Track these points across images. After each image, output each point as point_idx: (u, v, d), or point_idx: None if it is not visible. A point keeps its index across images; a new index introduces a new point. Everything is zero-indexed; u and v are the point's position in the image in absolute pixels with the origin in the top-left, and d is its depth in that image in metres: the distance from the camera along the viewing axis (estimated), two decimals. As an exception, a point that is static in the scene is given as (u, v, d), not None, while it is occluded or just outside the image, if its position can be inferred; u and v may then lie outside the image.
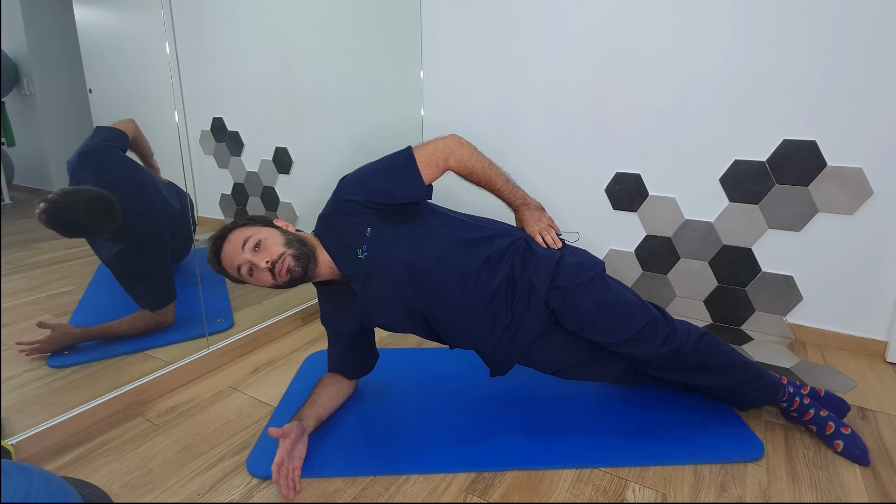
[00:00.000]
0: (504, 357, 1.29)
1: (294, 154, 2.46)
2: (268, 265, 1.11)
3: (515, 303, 1.21)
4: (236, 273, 1.15)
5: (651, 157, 1.99)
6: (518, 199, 1.32)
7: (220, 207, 2.48)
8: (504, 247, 1.22)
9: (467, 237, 1.22)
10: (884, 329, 1.74)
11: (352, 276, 1.19)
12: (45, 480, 0.87)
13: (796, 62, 1.69)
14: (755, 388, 1.30)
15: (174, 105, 1.68)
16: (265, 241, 1.13)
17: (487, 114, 2.29)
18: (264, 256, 1.11)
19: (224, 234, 1.17)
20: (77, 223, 1.47)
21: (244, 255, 1.12)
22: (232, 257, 1.13)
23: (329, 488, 1.14)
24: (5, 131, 1.68)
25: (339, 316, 1.30)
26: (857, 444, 1.23)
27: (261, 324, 1.87)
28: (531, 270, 1.20)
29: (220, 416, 1.42)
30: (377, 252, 1.16)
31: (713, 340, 1.27)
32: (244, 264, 1.12)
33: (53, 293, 1.65)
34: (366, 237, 1.16)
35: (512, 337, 1.25)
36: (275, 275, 1.12)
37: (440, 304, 1.20)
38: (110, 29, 1.82)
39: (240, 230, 1.16)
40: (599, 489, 1.14)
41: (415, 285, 1.18)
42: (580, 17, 2.00)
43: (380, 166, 1.22)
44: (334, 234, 1.19)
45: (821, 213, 1.75)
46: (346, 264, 1.19)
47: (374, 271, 1.18)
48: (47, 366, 1.49)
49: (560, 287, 1.19)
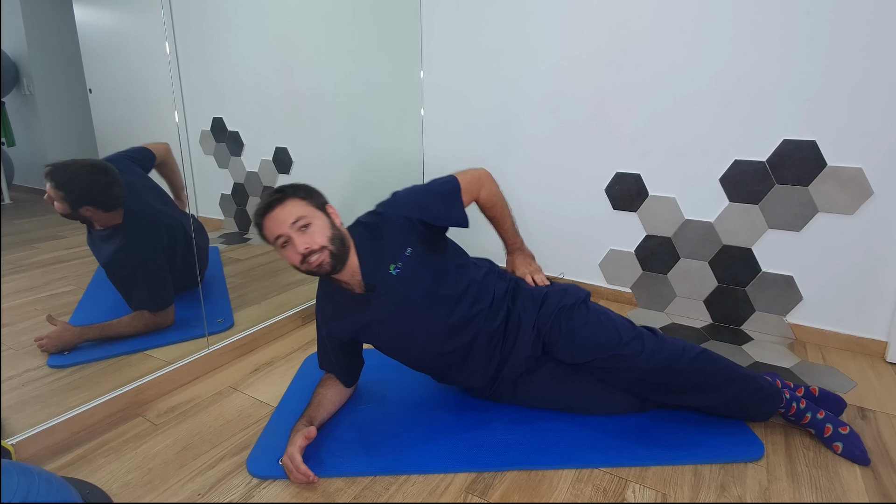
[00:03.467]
0: (493, 391, 1.38)
1: (294, 154, 2.46)
2: (305, 251, 1.13)
3: (506, 339, 1.30)
4: (272, 238, 1.16)
5: (651, 157, 1.99)
6: (518, 242, 1.47)
7: (220, 207, 2.48)
8: (504, 289, 1.33)
9: (479, 278, 1.31)
10: (884, 329, 1.74)
11: (374, 287, 1.21)
12: (45, 480, 0.87)
13: (796, 62, 1.69)
14: (756, 400, 1.28)
15: (174, 105, 1.68)
16: (313, 227, 1.15)
17: (487, 114, 2.28)
18: (306, 242, 1.13)
19: (282, 197, 1.16)
20: (78, 176, 1.55)
21: (289, 231, 1.13)
22: (278, 225, 1.14)
23: (329, 488, 1.14)
24: (5, 131, 1.68)
25: (338, 319, 1.30)
26: (856, 445, 1.23)
27: (261, 324, 1.87)
28: (520, 306, 1.30)
29: (220, 416, 1.42)
30: (409, 273, 1.22)
31: (711, 358, 1.25)
32: (285, 237, 1.14)
33: (53, 293, 1.65)
34: (404, 255, 1.22)
35: (497, 372, 1.33)
36: (306, 261, 1.14)
37: (446, 338, 1.25)
38: (110, 29, 1.82)
39: (298, 203, 1.16)
40: (599, 489, 1.14)
41: (430, 313, 1.24)
42: (580, 17, 2.00)
43: (431, 190, 1.29)
44: (372, 244, 1.23)
45: (821, 213, 1.75)
46: (373, 275, 1.22)
47: (399, 290, 1.22)
48: (47, 366, 1.49)
49: (547, 314, 1.28)
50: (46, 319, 1.52)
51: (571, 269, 2.23)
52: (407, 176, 2.53)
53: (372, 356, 1.47)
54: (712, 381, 1.25)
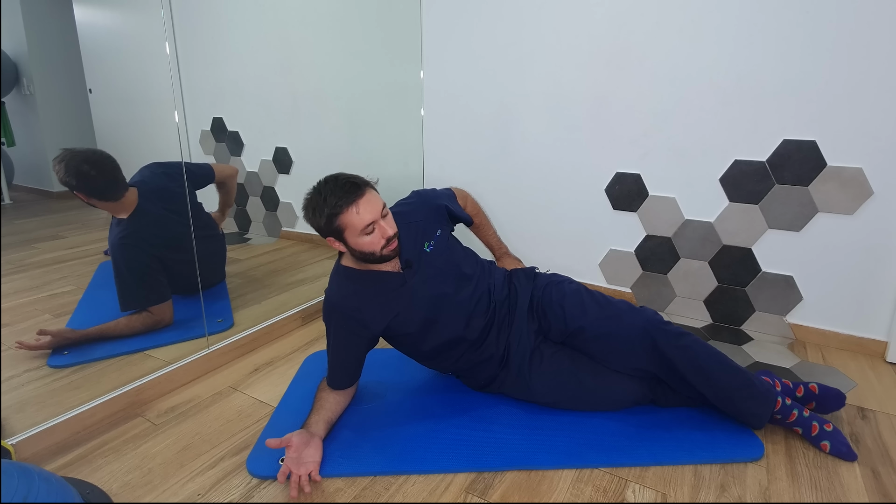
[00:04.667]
0: (501, 373, 1.42)
1: (294, 154, 2.46)
2: (391, 235, 1.24)
3: (510, 313, 1.44)
4: (362, 225, 1.19)
5: (651, 157, 1.99)
6: (504, 247, 1.70)
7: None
8: (502, 271, 1.52)
9: (485, 262, 1.50)
10: (884, 329, 1.74)
11: (411, 264, 1.33)
12: (45, 480, 0.87)
13: (796, 62, 1.69)
14: (749, 395, 1.26)
15: (174, 105, 1.68)
16: (389, 216, 1.27)
17: (488, 114, 2.28)
18: (392, 227, 1.26)
19: (365, 184, 1.24)
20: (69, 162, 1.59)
21: (379, 219, 1.22)
22: (370, 213, 1.20)
23: (329, 488, 1.14)
24: (5, 131, 1.68)
25: (375, 307, 1.30)
26: (842, 441, 1.24)
27: (261, 324, 1.87)
28: (516, 282, 1.49)
29: (220, 416, 1.42)
30: (440, 250, 1.39)
31: (697, 338, 1.29)
32: (376, 224, 1.22)
33: (53, 293, 1.65)
34: (436, 235, 1.39)
35: (506, 350, 1.41)
36: (388, 245, 1.25)
37: (471, 310, 1.37)
38: (110, 29, 1.82)
39: (375, 193, 1.25)
40: (599, 489, 1.14)
41: (459, 286, 1.38)
42: (580, 16, 2.00)
43: (440, 192, 1.52)
44: (411, 227, 1.37)
45: (821, 213, 1.75)
46: (411, 252, 1.35)
47: (434, 265, 1.36)
48: (47, 366, 1.49)
49: (540, 285, 1.46)
50: (38, 333, 1.50)
51: (571, 269, 2.23)
52: (407, 176, 2.53)
53: (372, 356, 1.47)
54: (703, 364, 1.25)
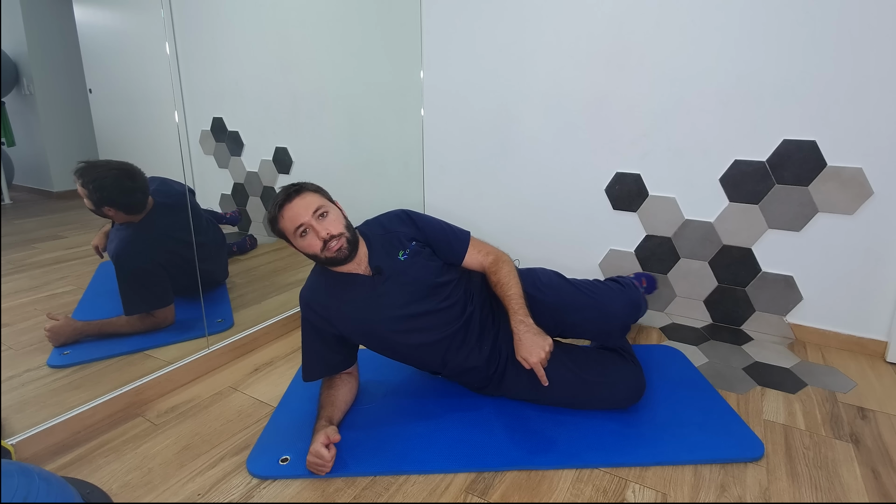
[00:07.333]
0: (494, 375, 1.40)
1: (294, 154, 2.46)
2: (326, 236, 1.22)
3: (493, 313, 1.42)
4: (292, 228, 1.21)
5: (651, 157, 1.99)
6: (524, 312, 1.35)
7: (220, 207, 2.48)
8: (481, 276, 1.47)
9: (466, 271, 1.46)
10: (884, 329, 1.74)
11: (381, 270, 1.32)
12: (45, 480, 0.87)
13: (796, 62, 1.69)
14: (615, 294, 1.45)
15: (174, 105, 1.68)
16: (331, 216, 1.25)
17: (487, 114, 2.28)
18: (326, 228, 1.22)
19: (300, 189, 1.25)
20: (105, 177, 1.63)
21: (309, 219, 1.21)
22: (299, 214, 1.21)
23: (329, 488, 1.14)
24: (5, 131, 1.68)
25: (337, 308, 1.30)
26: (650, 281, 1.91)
27: (261, 324, 1.87)
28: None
29: (220, 416, 1.42)
30: (415, 260, 1.35)
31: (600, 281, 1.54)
32: (306, 226, 1.22)
33: (53, 293, 1.65)
34: (411, 246, 1.37)
35: (493, 347, 1.38)
36: (327, 246, 1.22)
37: (447, 318, 1.33)
38: (110, 29, 1.82)
39: (314, 195, 1.25)
40: (599, 489, 1.14)
41: (434, 294, 1.33)
42: (580, 17, 2.00)
43: (445, 225, 1.45)
44: (384, 237, 1.37)
45: (821, 213, 1.75)
46: (382, 260, 1.33)
47: (408, 273, 1.33)
48: (47, 366, 1.49)
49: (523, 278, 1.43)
50: (47, 316, 1.55)
51: (572, 269, 2.23)
52: (407, 176, 2.53)
53: (372, 356, 1.48)
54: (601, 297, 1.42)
